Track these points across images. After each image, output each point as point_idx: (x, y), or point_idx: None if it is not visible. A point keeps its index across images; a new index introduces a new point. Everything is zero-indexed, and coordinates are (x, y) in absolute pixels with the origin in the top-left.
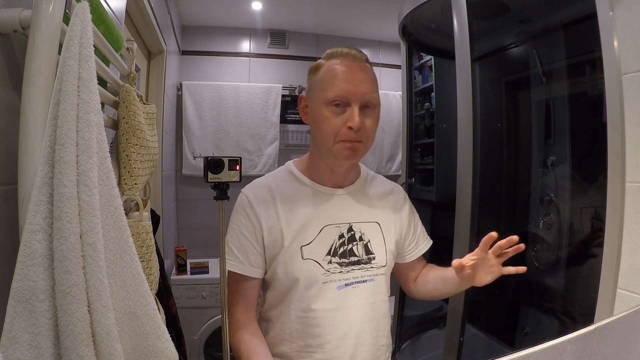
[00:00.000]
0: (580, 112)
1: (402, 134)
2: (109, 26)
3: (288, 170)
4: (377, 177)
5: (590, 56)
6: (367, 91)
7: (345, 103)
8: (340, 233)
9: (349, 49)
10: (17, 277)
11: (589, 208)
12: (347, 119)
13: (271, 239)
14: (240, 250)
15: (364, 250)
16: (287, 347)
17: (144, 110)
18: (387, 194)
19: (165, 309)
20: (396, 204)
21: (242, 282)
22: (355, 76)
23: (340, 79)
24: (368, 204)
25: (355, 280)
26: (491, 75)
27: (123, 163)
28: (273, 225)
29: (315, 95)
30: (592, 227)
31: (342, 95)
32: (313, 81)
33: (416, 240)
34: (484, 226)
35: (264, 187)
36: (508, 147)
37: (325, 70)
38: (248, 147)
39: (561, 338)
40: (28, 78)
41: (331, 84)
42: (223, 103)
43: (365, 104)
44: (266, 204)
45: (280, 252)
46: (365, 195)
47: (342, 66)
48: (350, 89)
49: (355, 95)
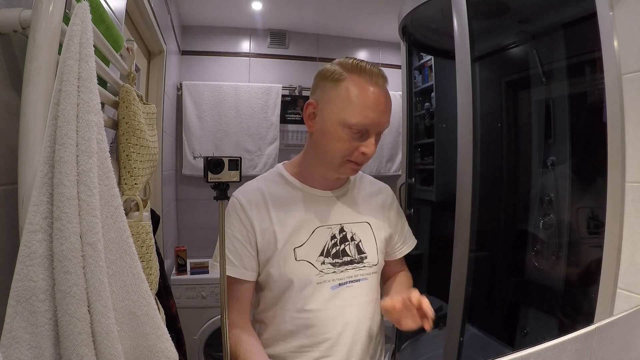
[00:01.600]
0: (580, 112)
1: (402, 134)
2: (109, 26)
3: (278, 173)
4: (365, 178)
5: (590, 56)
6: (387, 121)
7: (365, 131)
8: (332, 234)
9: (373, 66)
10: (17, 277)
11: (589, 208)
12: (363, 145)
13: (264, 242)
14: (233, 253)
15: (356, 250)
16: (282, 347)
17: (144, 110)
18: (375, 193)
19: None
20: (384, 203)
21: (236, 285)
22: (381, 106)
23: (367, 107)
24: (358, 204)
25: (348, 279)
26: (491, 75)
27: (123, 163)
28: (266, 228)
29: (331, 110)
30: (592, 227)
31: (365, 124)
32: (330, 93)
33: (403, 239)
34: (484, 226)
35: (256, 190)
36: (508, 147)
37: (349, 88)
38: (248, 147)
39: (561, 338)
40: (28, 78)
41: (356, 110)
42: (223, 103)
43: (380, 132)
44: (258, 206)
45: (274, 254)
46: (355, 196)
47: (369, 92)
48: (375, 120)
49: (376, 126)
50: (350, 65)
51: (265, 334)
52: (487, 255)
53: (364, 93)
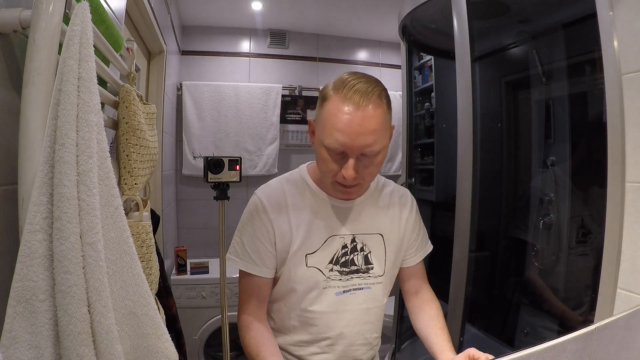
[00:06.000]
0: (580, 112)
1: (402, 134)
2: (109, 26)
3: (301, 176)
4: (387, 186)
5: (590, 56)
6: (366, 144)
7: (342, 153)
8: (344, 244)
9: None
10: (17, 277)
11: (589, 208)
12: (343, 168)
13: (282, 244)
14: (254, 251)
15: (363, 261)
16: (284, 339)
17: (144, 110)
18: (395, 203)
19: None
20: (402, 213)
21: (257, 282)
22: (354, 128)
23: (337, 129)
24: (374, 215)
25: (353, 287)
26: (491, 75)
27: (123, 163)
28: (285, 231)
29: (318, 130)
30: (592, 227)
31: (338, 148)
32: (319, 112)
33: (416, 246)
34: (484, 226)
35: (278, 192)
36: (508, 147)
37: (329, 108)
38: (248, 147)
39: (561, 338)
40: (28, 78)
41: (329, 131)
42: (223, 103)
43: (363, 154)
44: (280, 209)
45: (288, 257)
46: (373, 206)
47: (341, 112)
48: (346, 142)
49: (351, 149)
50: (338, 81)
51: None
52: (487, 255)
53: (336, 114)
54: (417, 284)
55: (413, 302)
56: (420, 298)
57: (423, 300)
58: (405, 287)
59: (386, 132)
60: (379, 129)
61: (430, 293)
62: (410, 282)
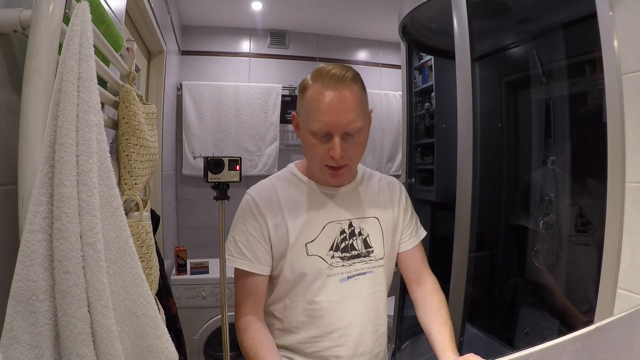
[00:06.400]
0: (580, 112)
1: (402, 134)
2: (109, 26)
3: (290, 172)
4: (374, 175)
5: (590, 56)
6: (348, 121)
7: (328, 134)
8: (342, 229)
9: (333, 68)
10: (17, 277)
11: (589, 208)
12: (330, 148)
13: (278, 237)
14: (248, 249)
15: (362, 244)
16: (293, 338)
17: (144, 110)
18: (384, 189)
19: (165, 309)
20: (393, 197)
21: (251, 279)
22: (335, 107)
23: (320, 110)
24: (367, 200)
25: (356, 272)
26: (491, 75)
27: (123, 163)
28: (279, 223)
29: (302, 119)
30: (592, 227)
31: (323, 129)
32: (301, 103)
33: (410, 229)
34: (484, 226)
35: (269, 188)
36: (508, 147)
37: (309, 96)
38: (248, 147)
39: (561, 338)
40: (28, 78)
41: (313, 115)
42: (223, 103)
43: (347, 132)
44: (271, 203)
45: (287, 249)
46: (364, 192)
47: (323, 95)
48: (330, 121)
49: (336, 128)
50: (315, 72)
51: (276, 325)
52: (487, 255)
53: (317, 98)
54: (418, 269)
55: (417, 293)
56: (423, 288)
57: (426, 290)
58: (407, 274)
59: (365, 111)
60: (358, 106)
61: (433, 282)
62: (410, 268)
